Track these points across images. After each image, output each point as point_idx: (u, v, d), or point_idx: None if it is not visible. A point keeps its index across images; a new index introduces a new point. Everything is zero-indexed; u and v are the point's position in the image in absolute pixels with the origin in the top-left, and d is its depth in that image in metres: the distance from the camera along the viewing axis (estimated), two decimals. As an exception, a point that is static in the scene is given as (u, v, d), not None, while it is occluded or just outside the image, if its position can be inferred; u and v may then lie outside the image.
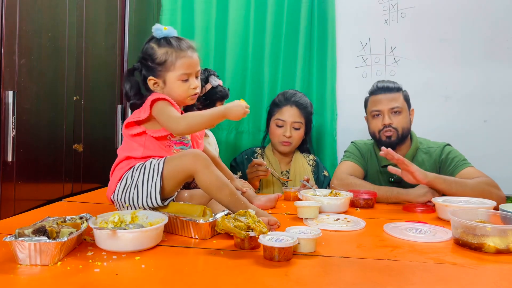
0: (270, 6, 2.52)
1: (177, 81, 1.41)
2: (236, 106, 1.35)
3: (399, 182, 1.88)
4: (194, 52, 1.44)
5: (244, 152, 2.34)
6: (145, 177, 1.31)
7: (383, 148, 1.74)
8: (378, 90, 2.02)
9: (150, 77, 1.41)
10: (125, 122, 1.41)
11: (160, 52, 1.40)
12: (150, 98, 1.37)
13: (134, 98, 1.43)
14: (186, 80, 1.42)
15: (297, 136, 2.22)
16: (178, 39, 1.43)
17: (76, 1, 1.79)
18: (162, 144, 1.39)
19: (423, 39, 2.47)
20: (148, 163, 1.33)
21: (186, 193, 1.42)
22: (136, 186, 1.31)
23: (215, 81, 1.94)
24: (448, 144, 2.00)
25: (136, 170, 1.34)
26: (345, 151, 2.14)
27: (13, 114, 1.41)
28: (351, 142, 2.17)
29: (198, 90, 1.46)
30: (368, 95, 2.08)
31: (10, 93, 1.41)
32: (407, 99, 2.02)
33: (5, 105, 1.40)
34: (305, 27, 2.52)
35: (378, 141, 2.03)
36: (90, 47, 1.90)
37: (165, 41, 1.41)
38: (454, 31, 2.44)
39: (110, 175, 1.41)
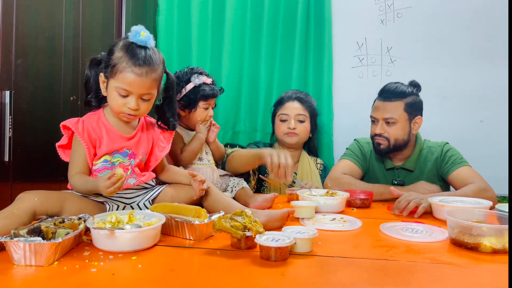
0: (266, 6, 2.52)
1: (114, 92, 1.28)
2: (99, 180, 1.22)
3: (402, 185, 1.88)
4: (149, 74, 1.27)
5: (253, 144, 2.34)
6: None
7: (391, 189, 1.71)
8: (381, 94, 1.96)
9: (102, 74, 1.32)
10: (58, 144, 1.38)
11: (116, 54, 1.27)
12: (65, 123, 1.32)
13: (92, 96, 1.38)
14: (125, 96, 1.28)
15: (303, 128, 2.22)
16: (145, 51, 1.27)
17: (72, 2, 1.78)
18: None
19: (419, 39, 2.48)
20: None
21: (171, 189, 1.44)
22: None
23: (198, 80, 1.76)
24: (447, 143, 2.01)
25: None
26: (346, 148, 2.14)
27: (10, 114, 1.41)
28: (354, 140, 2.17)
29: (137, 113, 1.32)
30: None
31: (7, 93, 1.40)
32: (410, 107, 1.91)
33: (1, 105, 1.40)
34: (301, 27, 2.52)
35: (373, 145, 2.02)
36: (87, 47, 1.90)
37: (131, 46, 1.27)
38: (450, 31, 2.45)
39: None
